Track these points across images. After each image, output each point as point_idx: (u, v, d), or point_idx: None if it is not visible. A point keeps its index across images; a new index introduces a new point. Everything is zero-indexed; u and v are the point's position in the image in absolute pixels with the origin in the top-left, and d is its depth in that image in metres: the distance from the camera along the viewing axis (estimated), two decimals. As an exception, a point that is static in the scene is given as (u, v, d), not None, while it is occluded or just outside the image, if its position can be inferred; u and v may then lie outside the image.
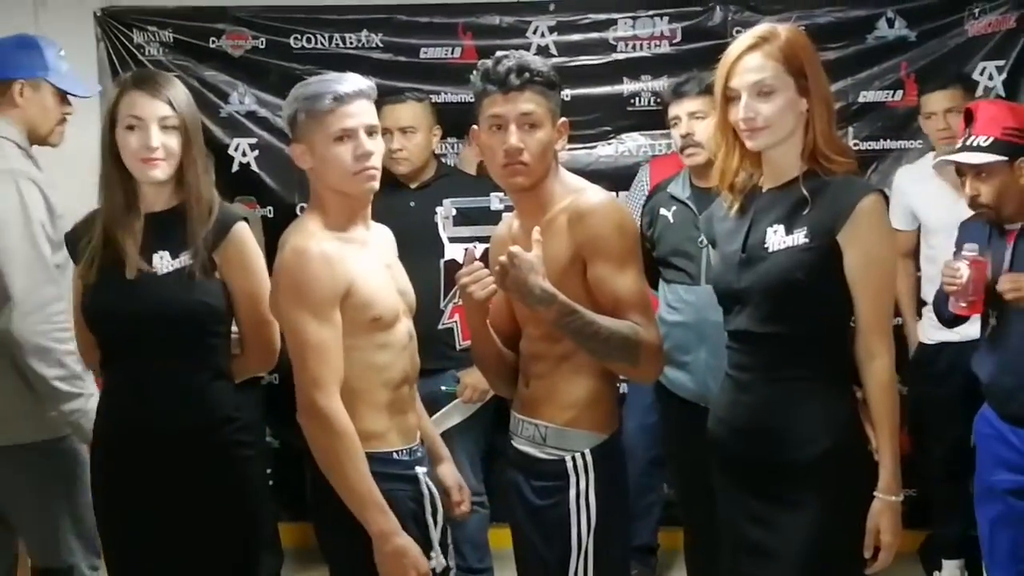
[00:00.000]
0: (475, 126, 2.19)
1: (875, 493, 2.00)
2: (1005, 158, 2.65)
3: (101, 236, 2.23)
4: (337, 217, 2.15)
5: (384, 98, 2.95)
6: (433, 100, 3.63)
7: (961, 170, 2.81)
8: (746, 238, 2.10)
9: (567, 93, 3.67)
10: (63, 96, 2.79)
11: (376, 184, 2.16)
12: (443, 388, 3.33)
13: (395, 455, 2.14)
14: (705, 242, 2.96)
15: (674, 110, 3.07)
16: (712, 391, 2.93)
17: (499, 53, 2.15)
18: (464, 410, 3.35)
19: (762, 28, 2.06)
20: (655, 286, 3.18)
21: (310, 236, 2.08)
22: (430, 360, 2.59)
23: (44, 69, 2.74)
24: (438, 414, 3.15)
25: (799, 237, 2.01)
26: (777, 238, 2.04)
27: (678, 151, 3.10)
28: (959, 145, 2.77)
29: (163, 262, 2.21)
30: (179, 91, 2.25)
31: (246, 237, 2.28)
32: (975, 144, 2.69)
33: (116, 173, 2.23)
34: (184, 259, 2.20)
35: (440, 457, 2.38)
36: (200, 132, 2.28)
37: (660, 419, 3.39)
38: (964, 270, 2.63)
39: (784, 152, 2.06)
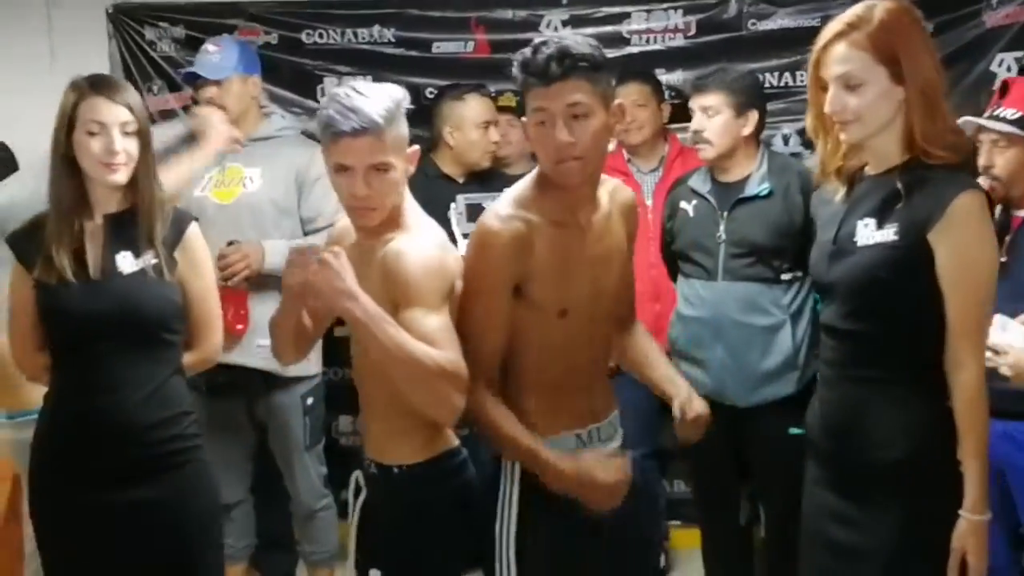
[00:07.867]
0: (523, 118, 2.02)
1: (960, 512, 1.88)
2: None
3: (58, 237, 2.24)
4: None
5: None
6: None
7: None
8: (838, 228, 2.01)
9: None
10: None
11: None
12: None
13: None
14: (724, 237, 2.96)
15: (692, 103, 3.04)
16: (729, 389, 2.93)
17: (537, 40, 1.96)
18: None
19: (852, 13, 1.91)
20: (674, 278, 3.16)
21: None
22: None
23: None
24: None
25: (889, 233, 1.90)
26: (867, 232, 1.94)
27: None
28: (987, 113, 2.65)
29: (126, 262, 2.27)
30: (135, 97, 2.29)
31: (199, 237, 2.39)
32: (1002, 115, 2.60)
33: (68, 175, 2.26)
34: (148, 259, 2.27)
35: None
36: (151, 136, 2.33)
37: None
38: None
39: (883, 141, 1.94)
